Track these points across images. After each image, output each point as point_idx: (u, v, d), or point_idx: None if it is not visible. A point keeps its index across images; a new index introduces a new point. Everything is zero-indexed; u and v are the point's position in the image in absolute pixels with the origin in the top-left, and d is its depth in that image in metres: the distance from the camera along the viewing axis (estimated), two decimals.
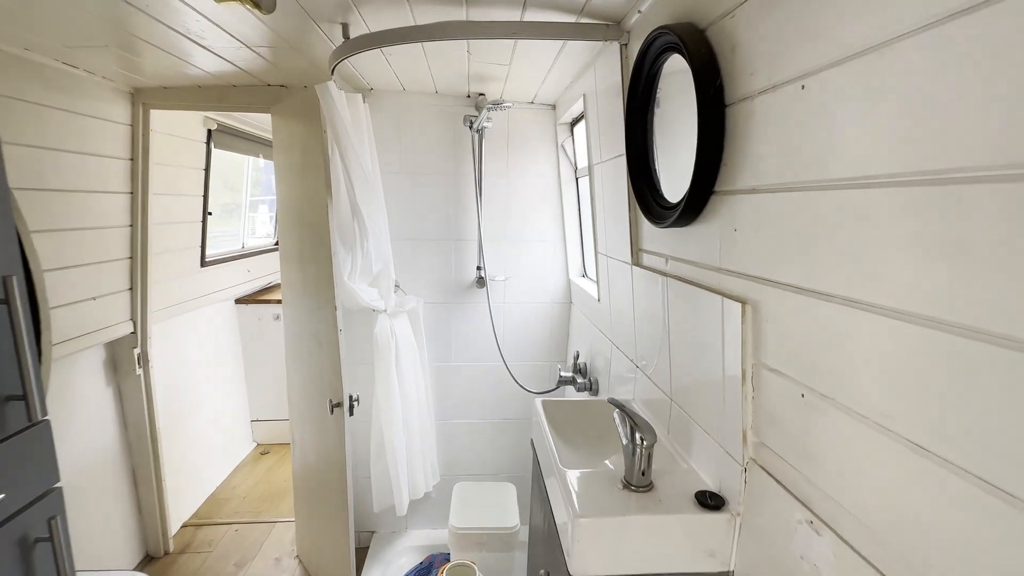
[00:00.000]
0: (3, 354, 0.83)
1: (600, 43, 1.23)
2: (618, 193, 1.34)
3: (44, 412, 0.91)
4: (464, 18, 1.16)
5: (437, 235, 2.07)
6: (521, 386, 2.02)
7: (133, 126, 1.89)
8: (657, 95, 1.02)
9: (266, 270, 3.44)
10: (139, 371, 2.09)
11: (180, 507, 2.47)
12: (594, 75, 1.45)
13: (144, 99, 1.88)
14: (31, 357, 0.86)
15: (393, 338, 1.94)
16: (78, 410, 1.88)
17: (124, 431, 2.12)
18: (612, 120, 1.32)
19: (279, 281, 2.36)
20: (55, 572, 0.93)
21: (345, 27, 1.28)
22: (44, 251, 1.55)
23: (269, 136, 2.58)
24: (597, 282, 1.62)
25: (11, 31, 1.28)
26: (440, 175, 2.04)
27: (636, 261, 1.25)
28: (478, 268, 2.08)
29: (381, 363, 1.91)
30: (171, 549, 2.30)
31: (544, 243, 2.14)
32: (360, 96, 1.75)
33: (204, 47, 1.42)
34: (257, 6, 0.89)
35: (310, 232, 1.72)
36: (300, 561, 2.23)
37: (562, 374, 1.77)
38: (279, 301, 3.05)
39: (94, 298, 1.82)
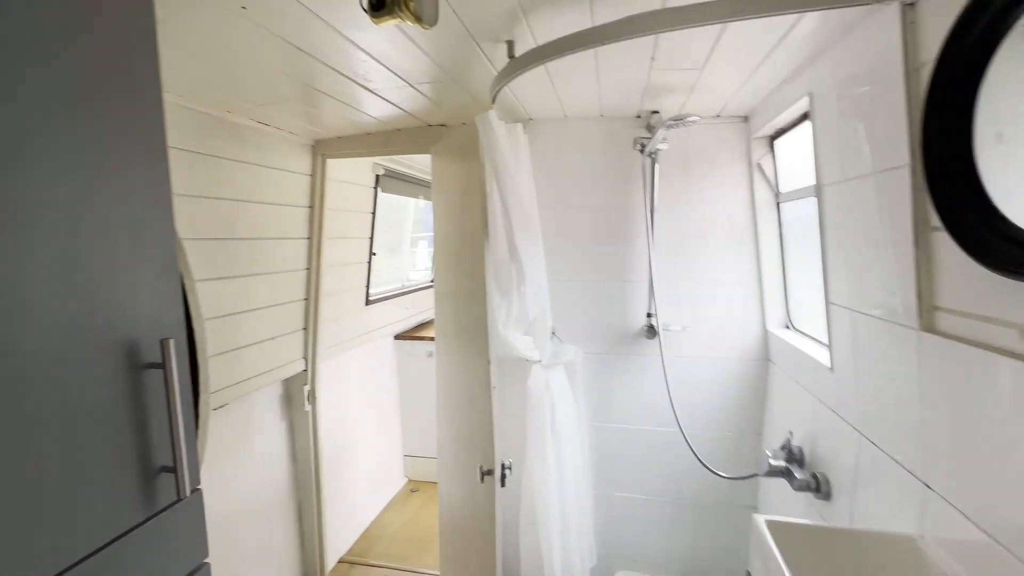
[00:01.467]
0: (155, 422, 0.77)
1: (863, 9, 0.86)
2: (877, 222, 0.93)
3: (196, 482, 0.85)
4: (660, 6, 0.91)
5: (599, 276, 1.81)
6: (705, 465, 1.62)
7: (312, 176, 2.01)
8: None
9: (422, 306, 3.53)
10: (308, 407, 2.17)
11: (337, 542, 2.51)
12: (829, 65, 1.08)
13: (322, 150, 1.99)
14: (183, 425, 0.79)
15: (548, 392, 1.71)
16: (257, 441, 1.99)
17: (294, 464, 2.22)
18: (872, 120, 0.93)
19: (433, 317, 2.32)
20: None
21: (510, 45, 1.12)
22: (233, 295, 1.66)
23: (429, 177, 2.62)
24: (830, 344, 1.18)
25: (216, 97, 1.39)
26: (603, 208, 1.79)
27: (928, 326, 0.82)
28: (648, 315, 1.75)
29: (534, 420, 1.68)
30: None
31: (733, 285, 1.73)
32: (520, 126, 1.60)
33: (371, 91, 1.39)
34: (418, 19, 0.74)
35: (466, 276, 1.59)
36: None
37: (772, 462, 1.33)
38: (432, 338, 3.07)
39: (273, 338, 1.92)
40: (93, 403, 0.68)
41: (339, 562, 2.50)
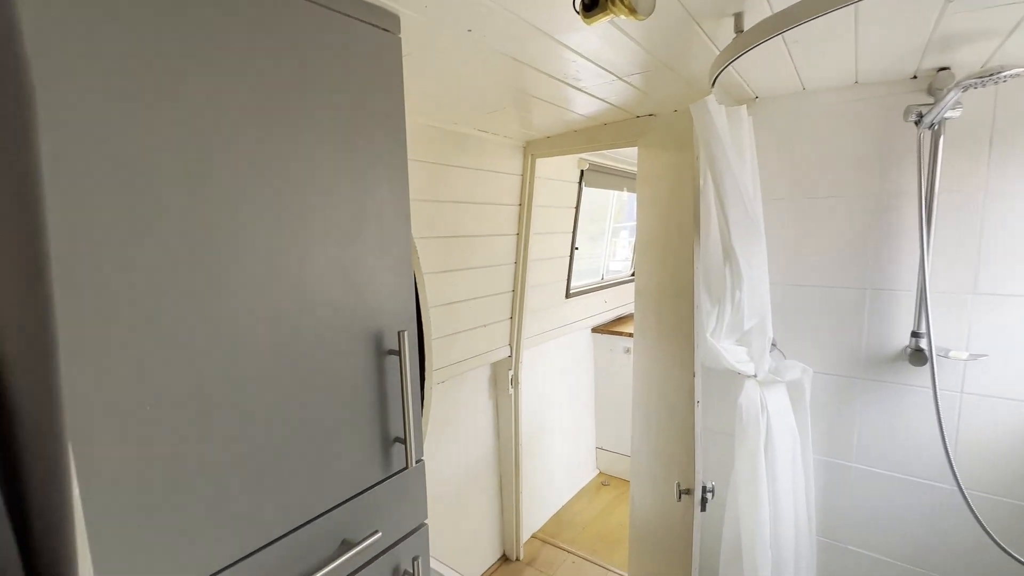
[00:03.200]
0: (392, 399, 0.91)
1: None
2: None
3: (420, 454, 0.98)
4: None
5: (839, 281, 1.48)
6: (997, 543, 1.19)
7: (522, 175, 2.13)
8: None
9: (621, 300, 3.47)
10: (511, 391, 2.35)
11: (531, 517, 2.68)
12: None
13: (532, 150, 2.09)
14: (412, 404, 0.92)
15: (764, 413, 1.48)
16: (468, 417, 2.25)
17: (497, 441, 2.43)
18: None
19: (631, 311, 2.25)
20: None
21: (738, 18, 0.97)
22: (453, 287, 1.88)
23: (634, 169, 2.53)
24: None
25: (446, 112, 1.57)
26: (850, 197, 1.45)
27: None
28: (914, 334, 1.36)
29: (744, 442, 1.48)
30: (521, 556, 2.49)
31: None
32: (743, 108, 1.40)
33: (580, 89, 1.38)
34: (633, 11, 0.69)
35: (670, 275, 1.48)
36: None
37: None
38: (631, 334, 3.00)
39: (485, 325, 2.12)
40: (353, 379, 0.84)
41: (532, 537, 2.66)
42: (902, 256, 1.39)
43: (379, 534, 0.86)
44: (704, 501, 1.31)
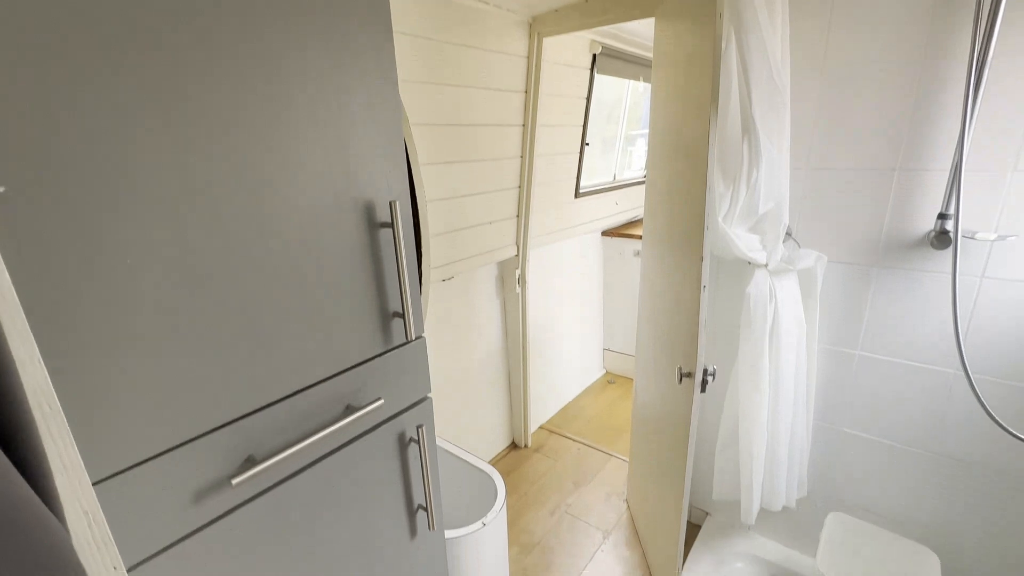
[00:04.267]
0: (388, 274, 0.89)
1: None
2: None
3: (420, 330, 0.98)
4: None
5: (866, 162, 1.37)
6: (997, 421, 1.20)
7: (528, 57, 1.95)
8: None
9: (633, 203, 3.36)
10: (518, 290, 2.36)
11: (539, 410, 2.82)
12: None
13: (538, 28, 1.89)
14: (409, 279, 0.91)
15: (772, 303, 1.46)
16: (475, 314, 2.28)
17: (506, 339, 2.49)
18: None
19: (643, 215, 2.18)
20: (419, 468, 1.04)
21: None
22: (454, 180, 1.81)
23: (650, 55, 2.32)
24: None
25: None
26: (886, 68, 1.29)
27: None
28: (941, 216, 1.28)
29: (750, 332, 1.48)
30: (529, 444, 2.66)
31: None
32: None
33: None
34: None
35: (683, 159, 1.39)
36: (628, 506, 2.19)
37: None
38: (641, 237, 2.94)
39: (490, 222, 2.07)
40: (346, 251, 0.81)
41: (540, 428, 2.82)
42: (940, 133, 1.27)
43: (381, 401, 0.88)
44: (704, 383, 1.33)
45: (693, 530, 1.95)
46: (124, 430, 0.60)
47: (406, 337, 0.94)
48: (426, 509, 1.06)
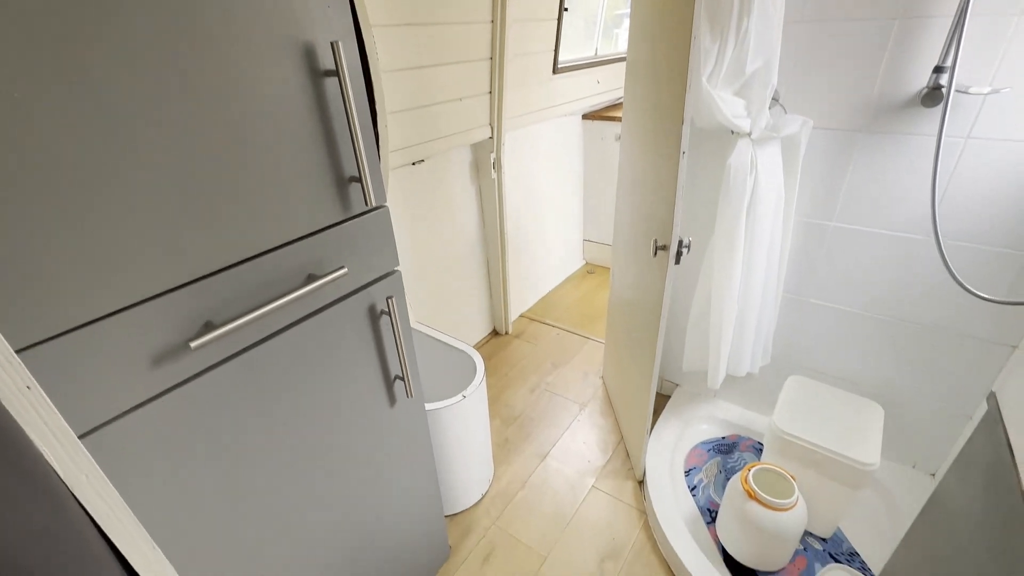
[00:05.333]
0: (340, 132, 0.81)
1: None
2: None
3: (382, 199, 0.92)
4: None
5: (867, 11, 1.25)
6: (958, 281, 1.23)
7: None
8: None
9: (616, 84, 3.14)
10: (494, 175, 2.26)
11: (519, 300, 2.87)
12: None
13: None
14: (363, 138, 0.83)
15: (752, 173, 1.42)
16: (451, 201, 2.20)
17: (482, 226, 2.44)
18: None
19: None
20: (392, 340, 1.04)
21: None
22: (417, 45, 1.62)
23: None
24: None
25: None
26: None
27: None
28: (936, 69, 1.20)
29: (729, 204, 1.45)
30: (510, 331, 2.74)
31: None
32: None
33: None
34: None
35: (668, 17, 1.25)
36: (604, 383, 2.32)
37: None
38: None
39: (460, 99, 1.91)
40: (287, 103, 0.72)
41: (520, 316, 2.89)
42: None
43: (345, 270, 0.85)
44: (679, 255, 1.33)
45: (663, 401, 2.09)
46: (67, 290, 0.56)
47: (366, 203, 0.88)
48: (403, 378, 1.08)
